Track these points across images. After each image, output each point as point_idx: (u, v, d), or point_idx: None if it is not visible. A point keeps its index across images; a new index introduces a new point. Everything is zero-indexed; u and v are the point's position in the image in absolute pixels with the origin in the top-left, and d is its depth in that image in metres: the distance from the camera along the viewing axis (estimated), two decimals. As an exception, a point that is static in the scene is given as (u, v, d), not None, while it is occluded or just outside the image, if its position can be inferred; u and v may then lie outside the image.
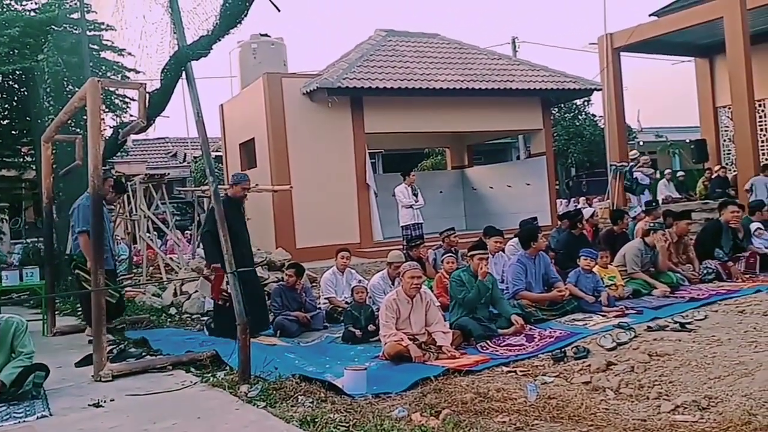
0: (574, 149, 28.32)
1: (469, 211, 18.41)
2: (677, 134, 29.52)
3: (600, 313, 6.81)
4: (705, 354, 4.81)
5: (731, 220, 9.03)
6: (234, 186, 6.89)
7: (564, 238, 9.56)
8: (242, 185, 6.89)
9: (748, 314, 6.19)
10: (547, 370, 5.11)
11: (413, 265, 6.22)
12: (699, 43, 19.06)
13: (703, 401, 4.05)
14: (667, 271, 8.24)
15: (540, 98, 15.75)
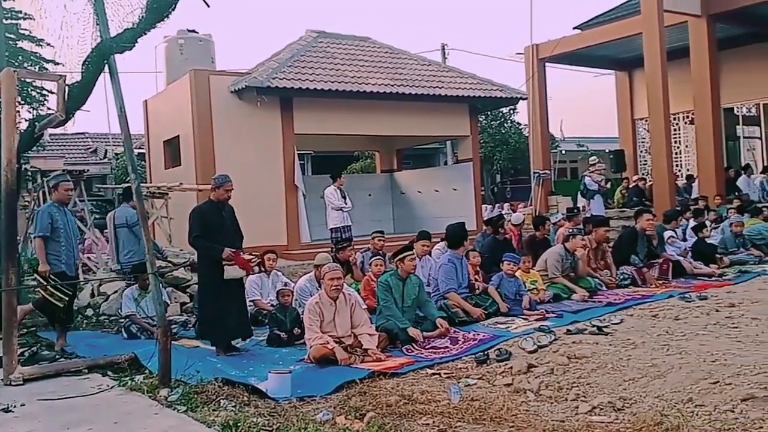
0: (499, 156, 28.90)
1: (398, 215, 18.52)
2: (598, 144, 30.58)
3: (522, 316, 6.97)
4: (620, 357, 4.98)
5: (647, 227, 9.41)
6: (216, 189, 6.60)
7: (488, 242, 9.75)
8: (224, 187, 6.50)
9: (660, 318, 6.47)
10: (470, 373, 5.19)
11: (333, 266, 6.20)
12: (619, 57, 19.85)
13: (618, 402, 4.19)
14: (586, 276, 8.52)
15: (468, 105, 15.99)
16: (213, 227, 6.37)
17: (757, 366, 4.35)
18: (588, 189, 15.96)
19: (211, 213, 6.48)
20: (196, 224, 6.42)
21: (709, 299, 7.27)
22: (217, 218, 6.45)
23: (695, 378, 4.26)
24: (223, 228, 6.44)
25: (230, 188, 6.55)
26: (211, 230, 6.35)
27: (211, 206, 6.56)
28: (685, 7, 15.44)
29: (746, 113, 19.63)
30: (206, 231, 6.34)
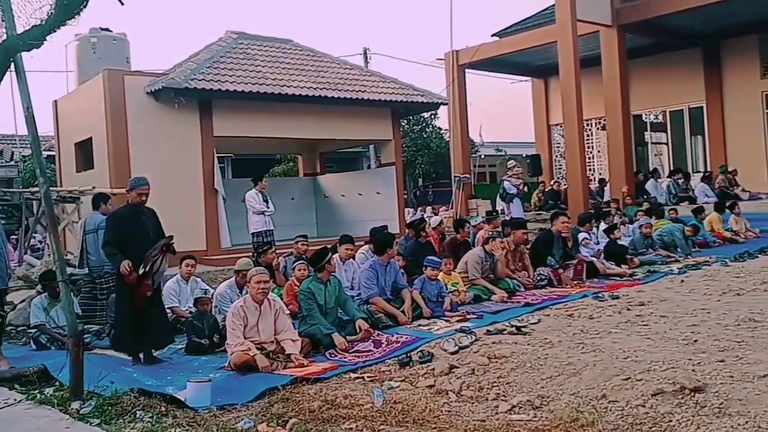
0: (421, 160, 29.24)
1: (321, 219, 18.45)
2: (515, 149, 31.43)
3: (444, 318, 7.05)
4: (538, 356, 5.11)
5: (562, 230, 9.70)
6: (129, 192, 6.29)
7: (411, 245, 9.82)
8: (137, 190, 6.20)
9: (576, 318, 6.68)
10: (393, 375, 5.21)
11: (260, 270, 6.12)
12: (535, 64, 20.47)
13: (537, 400, 4.30)
14: (505, 277, 8.70)
15: (390, 109, 16.11)
16: (129, 233, 6.13)
17: (666, 362, 4.55)
18: (507, 192, 16.36)
19: (127, 218, 6.24)
20: (108, 230, 6.18)
21: (621, 298, 7.55)
22: (133, 223, 6.21)
23: (608, 375, 4.41)
24: (141, 233, 6.20)
25: (144, 191, 6.29)
26: (126, 236, 6.11)
27: (128, 211, 6.32)
28: (597, 17, 16.07)
29: (654, 120, 20.60)
30: (120, 237, 6.10)
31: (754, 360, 4.49)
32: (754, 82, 17.67)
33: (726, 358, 4.61)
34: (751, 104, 17.69)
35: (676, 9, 15.50)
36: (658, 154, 21.30)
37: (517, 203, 16.22)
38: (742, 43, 17.70)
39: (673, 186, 16.87)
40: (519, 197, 16.38)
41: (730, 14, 16.06)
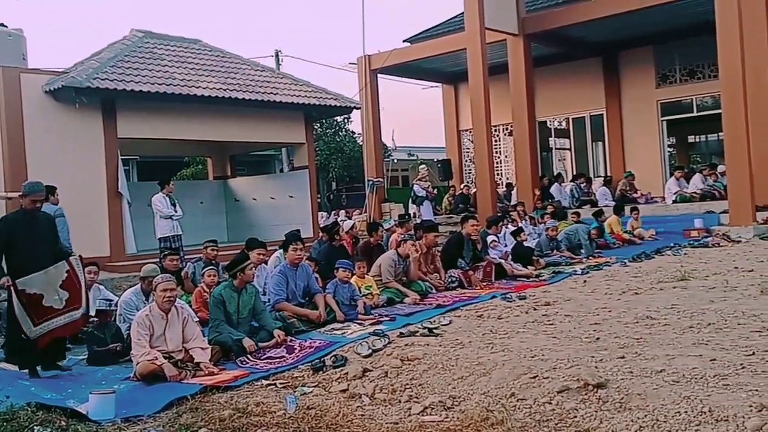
0: (335, 164, 29.23)
1: (232, 223, 18.09)
2: (427, 153, 31.90)
3: (357, 321, 7.05)
4: (450, 357, 5.18)
5: (472, 232, 9.91)
6: (23, 197, 5.87)
7: (324, 249, 9.79)
8: (31, 197, 5.84)
9: (485, 318, 6.82)
10: (306, 381, 5.16)
11: (166, 277, 5.93)
12: (446, 70, 20.85)
13: (448, 401, 4.36)
14: (418, 279, 8.80)
15: (303, 113, 16.00)
16: (19, 240, 5.77)
17: (571, 360, 4.71)
18: (417, 196, 16.62)
19: (19, 224, 5.88)
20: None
21: (528, 299, 7.78)
22: (26, 230, 5.86)
23: (517, 373, 4.53)
24: (36, 240, 5.86)
25: (38, 198, 5.96)
26: (19, 243, 5.76)
27: (22, 216, 5.96)
28: (505, 26, 16.55)
29: (558, 126, 21.40)
30: (10, 245, 5.74)
31: (651, 356, 4.72)
32: (650, 91, 18.66)
33: (626, 354, 4.82)
34: (647, 112, 18.67)
35: (577, 20, 16.18)
36: (562, 159, 22.14)
37: (427, 206, 16.47)
38: (638, 54, 18.66)
39: (575, 190, 17.57)
40: (429, 200, 16.65)
41: (628, 26, 16.91)
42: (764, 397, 3.67)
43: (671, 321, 5.91)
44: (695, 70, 17.99)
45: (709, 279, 8.25)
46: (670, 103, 18.64)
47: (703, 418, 3.51)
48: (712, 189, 15.79)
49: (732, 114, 13.09)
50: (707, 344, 4.98)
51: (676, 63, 18.32)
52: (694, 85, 18.02)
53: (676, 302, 6.76)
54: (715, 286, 7.62)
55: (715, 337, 5.20)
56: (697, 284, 7.92)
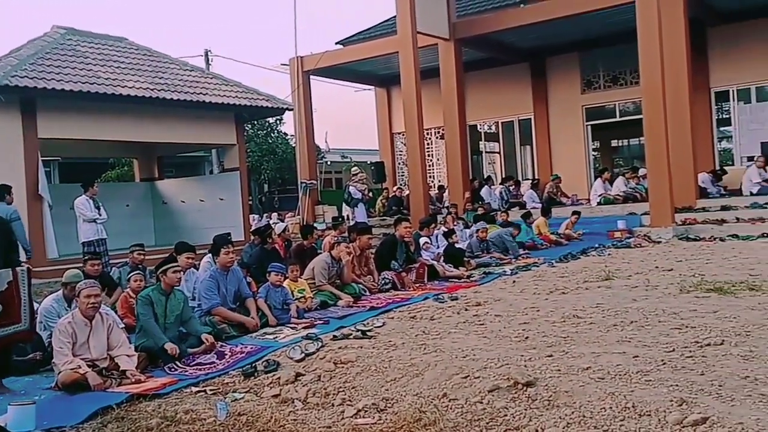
0: (267, 166, 28.92)
1: (159, 226, 17.62)
2: (360, 156, 31.96)
3: (290, 325, 6.99)
4: (383, 358, 5.19)
5: (405, 234, 9.98)
6: None
7: (256, 253, 9.66)
8: None
9: (418, 320, 6.87)
10: (237, 387, 5.07)
11: (89, 282, 5.71)
12: (378, 73, 20.94)
13: (381, 403, 4.36)
14: (351, 282, 8.79)
15: (234, 114, 15.76)
16: None
17: (501, 359, 4.79)
18: (351, 198, 16.62)
19: None
20: None
21: (459, 299, 7.87)
22: None
23: (449, 374, 4.57)
24: None
25: None
26: None
27: None
28: (436, 30, 16.74)
29: (488, 130, 21.81)
30: None
31: (578, 354, 4.86)
32: (575, 97, 19.24)
33: (554, 353, 4.94)
34: (573, 117, 19.24)
35: (506, 26, 16.54)
36: (492, 163, 22.58)
37: (361, 208, 16.47)
38: (565, 60, 19.22)
39: (505, 192, 17.93)
40: (363, 202, 16.66)
41: (554, 33, 17.39)
42: (684, 391, 3.83)
43: (596, 319, 6.09)
44: (618, 77, 18.67)
45: (631, 278, 8.55)
46: (594, 108, 19.28)
47: (627, 413, 3.63)
48: (634, 191, 16.40)
49: (652, 119, 13.63)
50: (630, 341, 5.15)
51: (600, 69, 18.96)
52: (617, 91, 18.69)
53: (600, 301, 6.98)
54: (637, 285, 7.91)
55: (638, 334, 5.39)
56: (621, 283, 8.20)
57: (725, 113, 17.52)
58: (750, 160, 16.37)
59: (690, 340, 4.99)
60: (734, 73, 16.78)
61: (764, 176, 15.28)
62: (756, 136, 17.02)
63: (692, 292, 7.13)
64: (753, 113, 17.07)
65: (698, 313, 6.00)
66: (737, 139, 17.42)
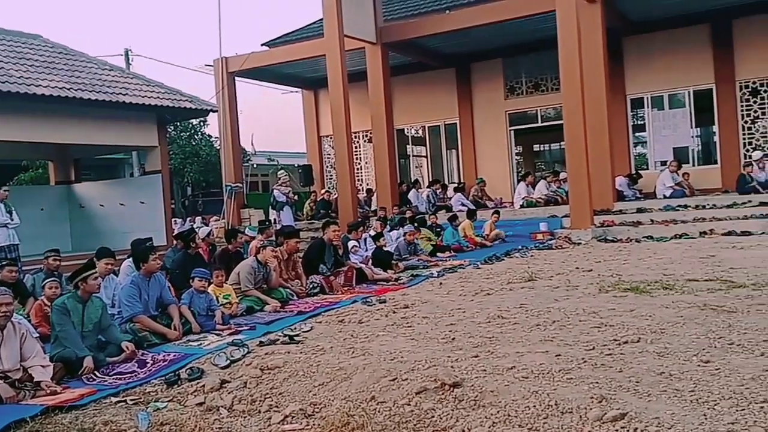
0: (190, 168, 28.29)
1: (77, 231, 16.93)
2: (287, 159, 31.68)
3: (214, 331, 6.84)
4: (311, 363, 5.14)
5: (333, 238, 9.95)
6: None
7: (179, 258, 9.42)
8: None
9: (346, 323, 6.85)
10: (160, 396, 4.92)
11: (1, 290, 5.43)
12: (306, 76, 20.83)
13: (309, 408, 4.32)
14: (279, 287, 8.69)
15: (155, 115, 15.31)
16: None
17: (428, 360, 4.83)
18: (277, 201, 16.46)
19: None
20: None
21: (388, 302, 7.90)
22: None
23: (377, 377, 4.58)
24: None
25: None
26: None
27: None
28: (363, 34, 16.79)
29: (415, 134, 22.02)
30: None
31: (503, 354, 4.95)
32: (499, 102, 19.69)
33: (480, 353, 5.02)
34: (496, 122, 19.68)
35: (432, 32, 16.78)
36: (419, 166, 22.82)
37: (287, 211, 16.34)
38: (488, 66, 19.65)
39: (432, 196, 18.15)
40: (289, 205, 16.54)
41: (479, 40, 17.76)
42: (604, 388, 3.95)
43: (520, 319, 6.23)
44: (539, 83, 19.21)
45: (553, 279, 8.80)
46: (517, 114, 19.79)
47: (550, 411, 3.72)
48: (555, 194, 16.91)
49: (572, 125, 14.08)
50: (552, 341, 5.29)
51: (523, 76, 19.47)
52: (539, 97, 19.25)
53: (524, 302, 7.14)
54: (558, 286, 8.14)
55: (560, 333, 5.54)
56: (543, 284, 8.42)
57: (640, 119, 18.32)
58: (663, 164, 17.19)
59: (609, 339, 5.17)
60: (648, 81, 17.58)
61: (677, 180, 16.05)
62: (669, 142, 17.89)
63: (610, 292, 7.39)
64: (666, 120, 17.91)
65: (616, 312, 6.22)
66: (651, 145, 18.25)
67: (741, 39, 16.60)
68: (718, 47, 16.85)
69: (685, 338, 5.02)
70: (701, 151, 18.36)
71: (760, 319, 5.44)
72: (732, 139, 16.90)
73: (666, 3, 15.64)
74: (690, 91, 17.41)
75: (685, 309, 6.06)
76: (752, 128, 16.91)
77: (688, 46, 17.04)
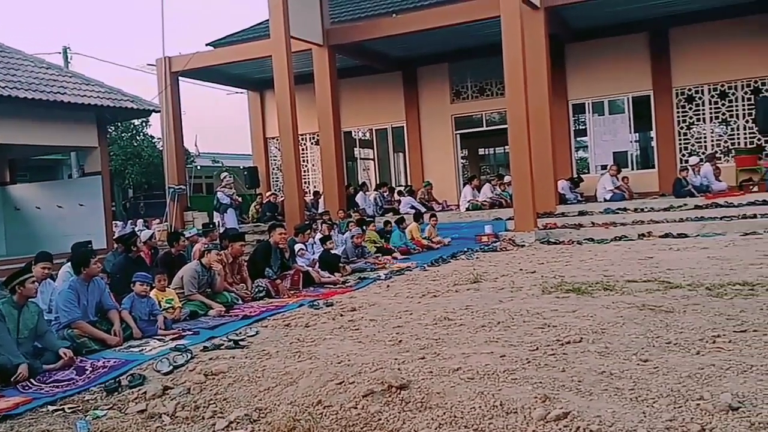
0: (131, 170, 27.68)
1: (12, 234, 16.33)
2: (233, 160, 31.28)
3: (157, 337, 6.69)
4: (256, 368, 5.08)
5: (279, 241, 9.86)
6: None
7: (120, 261, 9.19)
8: None
9: (293, 327, 6.79)
10: (99, 404, 4.79)
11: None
12: (251, 77, 20.62)
13: (255, 413, 4.26)
14: (223, 291, 8.56)
15: (95, 115, 14.90)
16: None
17: (375, 363, 4.83)
18: (221, 204, 16.23)
19: None
20: None
21: (335, 305, 7.87)
22: None
23: (323, 381, 4.55)
24: None
25: None
26: None
27: None
28: (309, 36, 16.70)
29: (362, 137, 22.04)
30: None
31: (449, 355, 4.98)
32: (445, 106, 19.88)
33: (426, 355, 5.04)
34: (443, 125, 19.87)
35: (378, 35, 16.82)
36: (366, 169, 22.84)
37: (231, 214, 16.15)
38: (435, 70, 19.82)
39: (379, 198, 18.18)
40: (233, 208, 16.33)
41: (425, 44, 17.89)
42: (547, 388, 4.02)
43: (466, 321, 6.29)
44: (485, 88, 19.49)
45: (498, 281, 8.92)
46: (463, 118, 20.02)
47: (495, 411, 3.76)
48: (500, 197, 17.17)
49: (516, 129, 14.31)
50: (497, 341, 5.36)
51: (469, 80, 19.72)
52: (484, 101, 19.52)
53: (470, 303, 7.22)
54: (503, 287, 8.25)
55: (504, 334, 5.61)
56: (488, 286, 8.52)
57: (582, 124, 18.77)
58: (603, 168, 17.64)
59: (552, 339, 5.26)
60: (589, 87, 18.04)
61: (616, 184, 16.51)
62: (609, 146, 18.40)
63: (553, 293, 7.53)
64: (606, 125, 18.41)
65: (559, 312, 6.35)
66: (592, 149, 18.72)
67: (677, 47, 17.20)
68: (655, 55, 17.41)
69: (625, 338, 5.15)
70: (640, 156, 18.92)
71: (695, 319, 5.63)
72: (669, 144, 17.49)
73: (606, 11, 16.08)
74: (629, 97, 17.94)
75: (625, 309, 6.22)
76: (688, 134, 17.53)
77: (627, 53, 17.56)
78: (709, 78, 17.03)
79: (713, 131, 17.47)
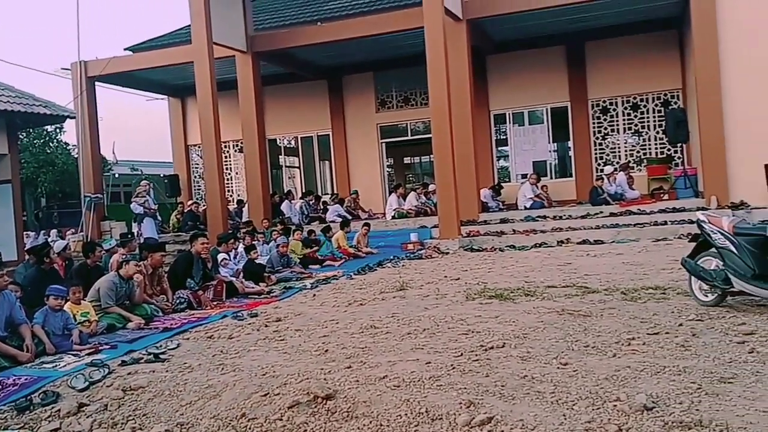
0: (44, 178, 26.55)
1: None
2: (153, 168, 30.41)
3: (71, 352, 6.41)
4: (177, 382, 4.94)
5: (202, 251, 9.64)
6: None
7: (32, 273, 8.78)
8: None
9: (216, 339, 6.65)
10: (9, 423, 4.55)
11: None
12: (172, 83, 20.17)
13: (176, 429, 4.14)
14: (143, 303, 8.29)
15: (4, 120, 14.21)
16: None
17: (301, 373, 4.78)
18: (136, 213, 15.77)
19: None
20: None
21: (260, 316, 7.76)
22: None
23: (248, 393, 4.47)
24: None
25: None
26: None
27: None
28: (232, 42, 16.48)
29: (287, 145, 21.87)
30: None
31: (375, 363, 4.99)
32: (370, 115, 19.99)
33: (352, 364, 5.03)
34: (368, 134, 19.96)
35: (301, 43, 16.80)
36: (292, 177, 22.67)
37: (149, 223, 15.73)
38: (360, 79, 19.91)
39: (305, 207, 18.05)
40: (150, 217, 15.91)
41: (350, 53, 17.96)
42: (471, 393, 4.08)
43: (392, 329, 6.31)
44: (409, 97, 19.72)
45: (423, 288, 9.00)
46: (388, 127, 20.18)
47: (421, 418, 3.79)
48: (425, 206, 17.34)
49: (440, 139, 14.52)
50: (423, 348, 5.41)
51: (393, 90, 19.91)
52: (409, 111, 19.75)
53: (396, 311, 7.25)
54: (428, 295, 8.34)
55: (430, 341, 5.67)
56: (414, 293, 8.59)
57: (503, 134, 19.24)
58: (524, 177, 18.13)
59: (476, 345, 5.35)
60: (510, 98, 18.53)
61: (536, 192, 16.98)
62: (529, 156, 18.94)
63: (477, 299, 7.66)
64: (526, 135, 18.95)
65: (482, 318, 6.46)
66: (513, 158, 19.21)
67: (592, 61, 17.90)
68: (572, 68, 18.06)
69: (545, 342, 5.29)
70: (558, 165, 19.55)
71: (611, 323, 5.84)
72: (585, 154, 18.15)
73: (525, 25, 16.56)
74: (548, 108, 18.53)
75: (546, 314, 6.40)
76: (603, 144, 18.25)
77: (546, 65, 18.14)
78: (622, 90, 17.80)
79: (626, 142, 18.25)
